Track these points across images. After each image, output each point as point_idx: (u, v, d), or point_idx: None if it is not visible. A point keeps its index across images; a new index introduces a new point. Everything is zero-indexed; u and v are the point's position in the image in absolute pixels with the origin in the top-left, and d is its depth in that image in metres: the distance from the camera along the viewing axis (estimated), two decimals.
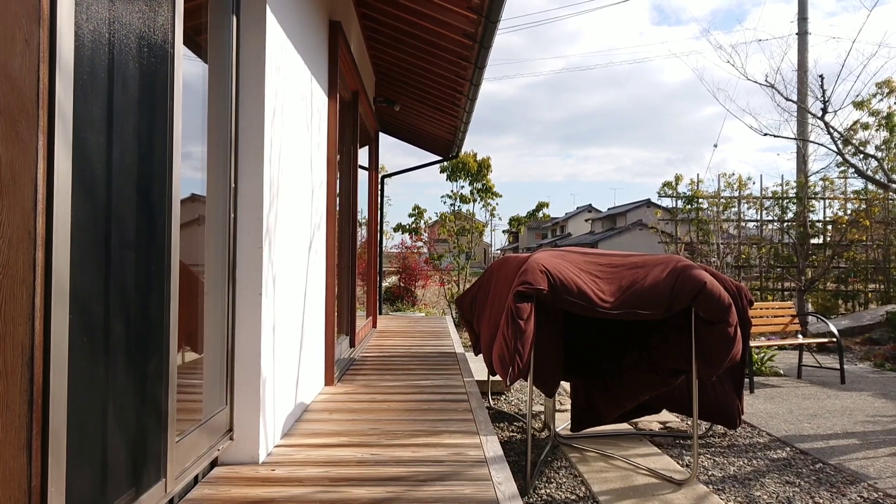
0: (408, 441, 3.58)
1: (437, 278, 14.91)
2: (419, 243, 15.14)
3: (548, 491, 4.25)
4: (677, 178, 13.95)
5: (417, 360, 6.22)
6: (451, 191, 14.34)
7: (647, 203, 42.30)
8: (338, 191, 5.89)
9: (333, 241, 5.05)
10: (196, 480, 2.89)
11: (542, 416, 5.93)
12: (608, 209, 55.91)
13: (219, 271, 3.07)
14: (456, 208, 14.40)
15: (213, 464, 3.12)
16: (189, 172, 2.89)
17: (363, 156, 9.15)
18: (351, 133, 6.65)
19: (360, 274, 8.26)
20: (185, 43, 2.50)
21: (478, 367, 6.85)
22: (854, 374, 8.52)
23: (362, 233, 8.81)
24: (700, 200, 13.93)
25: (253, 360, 3.20)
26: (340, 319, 6.27)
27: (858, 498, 4.18)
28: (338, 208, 6.01)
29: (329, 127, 5.00)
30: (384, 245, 13.09)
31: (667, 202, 14.86)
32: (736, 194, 13.92)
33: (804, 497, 4.20)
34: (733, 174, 13.91)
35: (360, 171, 8.48)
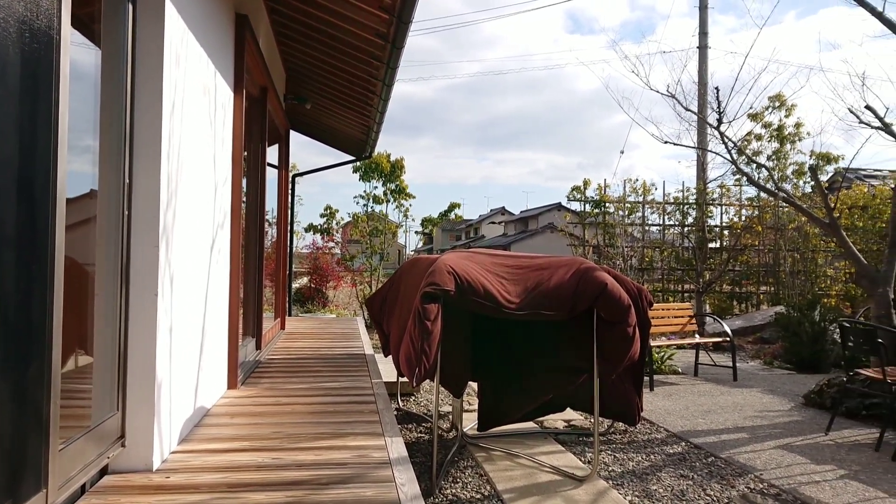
0: (311, 444, 3.52)
1: (350, 279, 14.78)
2: (331, 244, 14.96)
3: (453, 491, 4.27)
4: (585, 183, 14.35)
5: (326, 362, 6.13)
6: (365, 191, 14.27)
7: (559, 206, 43.38)
8: (244, 189, 5.75)
9: (238, 241, 4.91)
10: (83, 490, 2.75)
11: (451, 417, 5.96)
12: (521, 212, 56.95)
13: (111, 271, 2.93)
14: (369, 209, 14.32)
15: (104, 472, 2.98)
16: (84, 167, 2.75)
17: (273, 154, 8.97)
18: (259, 130, 6.50)
19: (269, 275, 8.09)
20: (79, 30, 2.38)
21: (387, 369, 6.83)
22: (745, 371, 8.99)
23: (272, 233, 8.63)
24: (607, 205, 14.37)
25: (147, 363, 3.07)
26: (246, 321, 6.12)
27: (746, 489, 4.40)
28: (244, 207, 5.87)
29: (234, 123, 4.87)
30: (295, 245, 12.87)
31: (576, 206, 15.28)
32: (640, 199, 14.44)
33: (696, 490, 4.39)
34: (637, 180, 14.45)
35: (269, 169, 8.31)
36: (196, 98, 3.76)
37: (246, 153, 6.02)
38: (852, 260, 7.21)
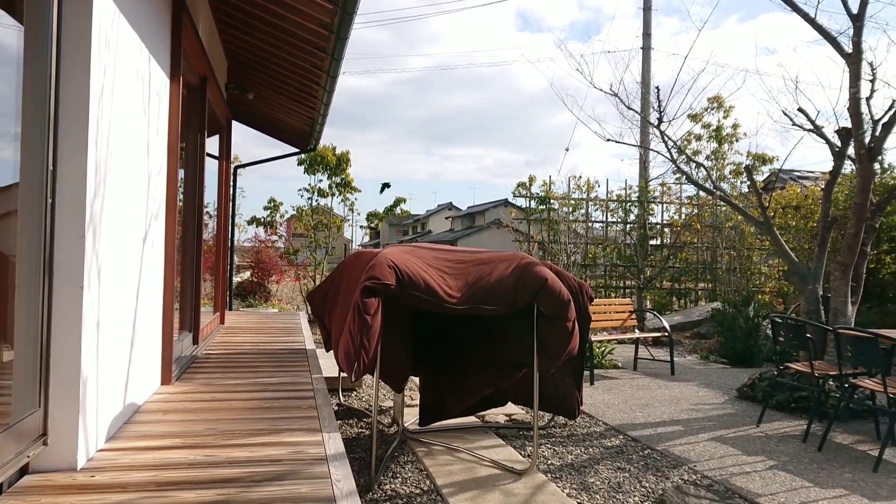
0: (246, 441, 3.45)
1: (293, 274, 14.56)
2: (274, 237, 14.73)
3: (393, 486, 4.25)
4: (531, 180, 14.48)
5: (265, 358, 6.03)
6: (309, 184, 14.07)
7: (505, 203, 43.63)
8: (181, 180, 5.59)
9: (174, 233, 4.77)
10: (0, 490, 2.63)
11: (392, 412, 5.93)
12: (468, 208, 57.13)
13: (33, 262, 2.80)
14: (314, 202, 14.14)
15: (24, 471, 2.85)
16: (5, 154, 2.62)
17: (213, 144, 8.76)
18: (198, 119, 6.33)
19: (208, 268, 7.90)
20: (0, 6, 2.25)
21: (328, 364, 6.75)
22: (683, 365, 9.21)
23: (212, 225, 8.44)
24: (552, 201, 14.52)
25: (72, 358, 2.95)
26: (183, 315, 5.97)
27: (680, 480, 4.50)
28: (181, 198, 5.71)
29: (171, 110, 4.72)
30: (237, 239, 12.62)
31: (521, 202, 15.40)
32: (584, 196, 14.64)
33: (632, 482, 4.47)
34: (581, 177, 14.63)
35: (210, 160, 8.11)
36: (128, 83, 3.63)
37: (185, 143, 5.86)
38: (784, 258, 7.44)
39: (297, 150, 11.56)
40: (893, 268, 11.30)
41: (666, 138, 7.75)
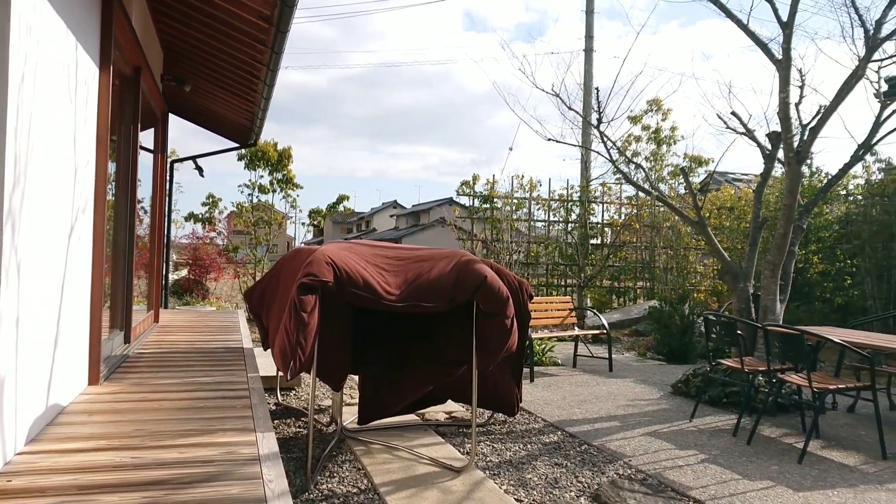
0: (176, 442, 3.35)
1: (232, 271, 14.28)
2: (212, 234, 14.40)
3: (329, 486, 4.20)
4: (474, 178, 14.53)
5: (200, 356, 5.88)
6: (250, 180, 13.81)
7: (450, 201, 43.74)
8: (112, 173, 5.41)
9: (102, 228, 4.61)
10: None
11: (331, 411, 5.87)
12: (413, 206, 57.05)
13: None
14: (254, 199, 13.89)
15: None
16: None
17: (148, 138, 8.51)
18: (132, 111, 6.13)
19: (142, 265, 7.67)
20: None
21: (267, 363, 6.64)
22: (621, 362, 9.38)
23: (147, 221, 8.20)
24: (495, 200, 14.61)
25: None
26: (113, 313, 5.77)
27: (615, 475, 4.58)
28: (112, 192, 5.52)
29: (100, 101, 4.55)
30: (173, 235, 12.31)
31: (465, 201, 15.45)
32: (527, 196, 14.78)
33: (569, 477, 4.52)
34: (522, 176, 14.76)
35: (144, 154, 7.87)
36: (52, 72, 3.48)
37: (115, 135, 5.67)
38: (718, 257, 7.66)
39: (236, 144, 11.33)
40: (821, 267, 11.76)
41: (605, 139, 7.88)
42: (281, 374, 6.44)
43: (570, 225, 15.00)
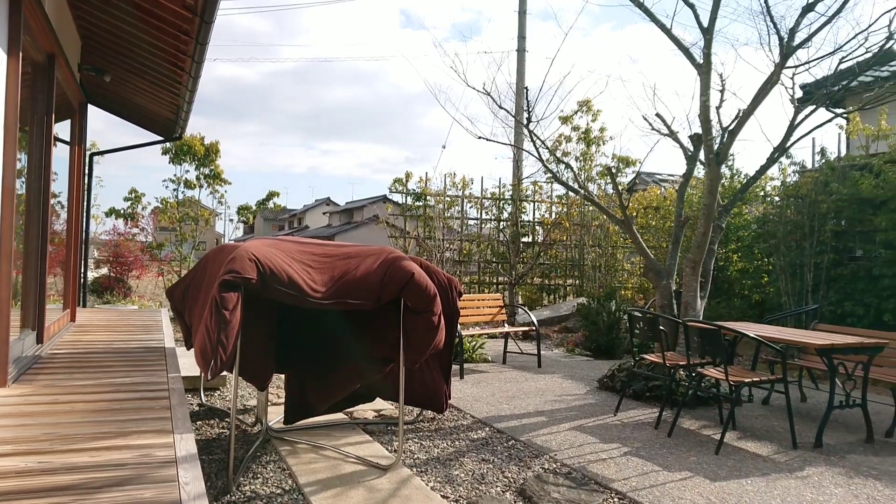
0: (88, 445, 3.21)
1: (156, 268, 13.82)
2: (135, 230, 13.91)
3: (253, 487, 4.11)
4: (407, 176, 14.50)
5: (118, 357, 5.67)
6: (175, 175, 13.40)
7: (384, 198, 43.53)
8: (22, 165, 5.16)
9: (11, 223, 4.38)
10: None
11: (256, 411, 5.75)
12: (346, 203, 56.59)
13: None
14: (180, 194, 13.48)
15: None
16: None
17: (66, 129, 8.16)
18: (45, 100, 5.85)
19: (58, 262, 7.35)
20: None
21: (190, 363, 6.45)
22: (550, 358, 9.53)
23: (63, 216, 7.85)
24: (428, 198, 14.62)
25: None
26: (25, 312, 5.51)
27: (540, 469, 4.64)
28: (22, 185, 5.27)
29: (8, 89, 4.32)
30: (93, 231, 11.83)
31: (398, 198, 15.40)
32: (459, 193, 14.85)
33: (496, 472, 4.56)
34: (455, 174, 14.81)
35: (60, 146, 7.55)
36: None
37: (27, 126, 5.41)
38: (642, 255, 7.86)
39: (160, 138, 10.97)
40: (740, 265, 12.22)
41: (534, 137, 7.98)
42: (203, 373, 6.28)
43: (501, 223, 15.14)
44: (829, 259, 9.69)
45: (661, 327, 6.09)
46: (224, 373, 5.23)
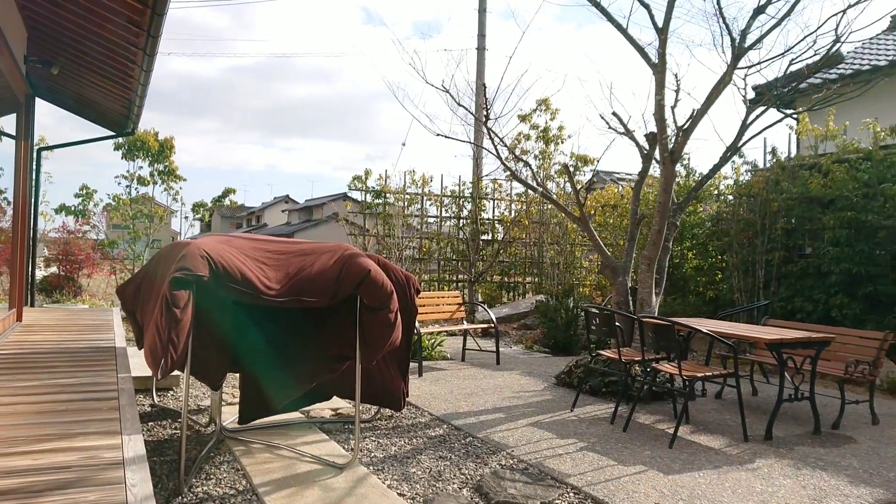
0: (31, 448, 3.11)
1: (108, 267, 13.48)
2: (86, 227, 13.55)
3: (205, 488, 4.03)
4: (367, 173, 14.40)
5: (66, 357, 5.52)
6: (128, 171, 13.09)
7: (344, 196, 43.24)
8: None
9: None
10: None
11: (210, 411, 5.65)
12: (306, 201, 56.06)
13: None
14: (133, 191, 13.18)
15: None
16: None
17: (11, 123, 7.92)
18: None
19: (3, 260, 7.13)
20: None
21: (142, 363, 6.27)
22: (509, 355, 9.58)
23: (9, 213, 7.62)
24: (388, 195, 14.55)
25: None
26: None
27: (497, 465, 4.65)
28: None
29: None
30: (41, 229, 11.49)
31: (358, 195, 15.29)
32: (419, 191, 14.81)
33: (453, 469, 4.55)
34: (414, 171, 14.77)
35: (6, 140, 7.33)
36: None
37: None
38: (599, 252, 7.94)
39: (112, 133, 10.72)
40: (695, 262, 12.44)
41: (493, 134, 8.00)
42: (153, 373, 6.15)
43: (461, 221, 15.16)
44: (780, 256, 9.92)
45: (617, 323, 6.16)
46: (177, 372, 5.14)
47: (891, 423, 6.01)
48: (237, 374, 5.89)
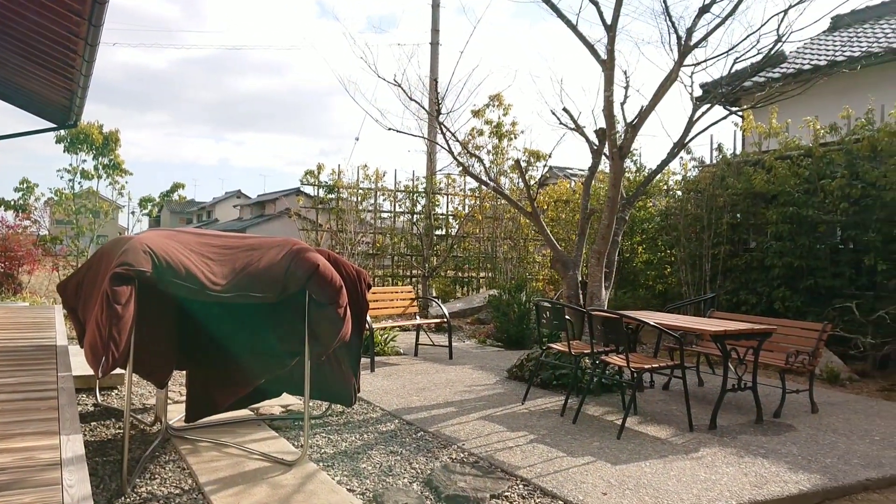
0: None
1: (51, 263, 13.08)
2: (27, 222, 13.11)
3: (149, 488, 3.95)
4: (319, 168, 14.25)
5: (5, 356, 5.35)
6: (71, 164, 12.71)
7: (298, 191, 42.72)
8: None
9: None
10: None
11: (156, 409, 5.54)
12: (258, 196, 55.29)
13: None
14: (76, 185, 12.80)
15: None
16: None
17: None
18: None
19: None
20: None
21: (84, 361, 6.13)
22: (462, 350, 9.61)
23: None
24: (341, 190, 14.44)
25: None
26: None
27: (448, 459, 4.66)
28: None
29: None
30: None
31: (311, 190, 15.14)
32: (373, 186, 14.74)
33: (403, 464, 4.55)
34: (367, 166, 14.68)
35: None
36: None
37: None
38: (550, 246, 8.02)
39: (54, 125, 10.39)
40: (645, 257, 12.68)
41: (444, 129, 8.01)
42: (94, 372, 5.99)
43: (415, 216, 15.14)
44: (726, 250, 10.17)
45: (567, 317, 6.23)
46: (121, 371, 5.02)
47: (829, 412, 6.22)
48: (184, 372, 5.79)
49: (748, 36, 7.17)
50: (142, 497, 3.81)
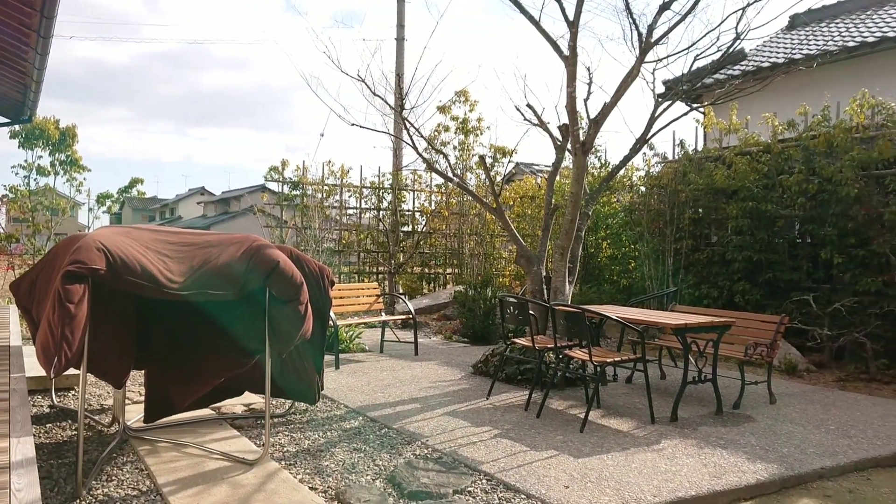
0: None
1: (6, 262, 12.75)
2: None
3: (106, 490, 3.87)
4: (283, 164, 14.10)
5: None
6: (26, 161, 12.40)
7: (263, 188, 42.28)
8: None
9: None
10: None
11: (113, 410, 5.43)
12: (223, 193, 54.60)
13: None
14: (31, 182, 12.50)
15: None
16: None
17: None
18: None
19: None
20: None
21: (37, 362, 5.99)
22: (428, 346, 9.60)
23: None
24: (306, 187, 14.31)
25: None
26: None
27: (412, 455, 4.65)
28: None
29: None
30: None
31: (275, 187, 14.98)
32: (339, 182, 14.63)
33: (367, 461, 4.52)
34: (332, 162, 14.58)
35: None
36: None
37: None
38: (514, 242, 8.04)
39: (7, 120, 10.12)
40: (609, 252, 12.80)
41: (408, 124, 7.97)
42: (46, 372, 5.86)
43: (381, 212, 15.07)
44: (688, 245, 10.31)
45: (531, 312, 6.26)
46: (78, 371, 4.91)
47: (787, 402, 6.35)
48: (143, 371, 5.69)
49: (708, 33, 7.27)
50: (98, 499, 3.74)
